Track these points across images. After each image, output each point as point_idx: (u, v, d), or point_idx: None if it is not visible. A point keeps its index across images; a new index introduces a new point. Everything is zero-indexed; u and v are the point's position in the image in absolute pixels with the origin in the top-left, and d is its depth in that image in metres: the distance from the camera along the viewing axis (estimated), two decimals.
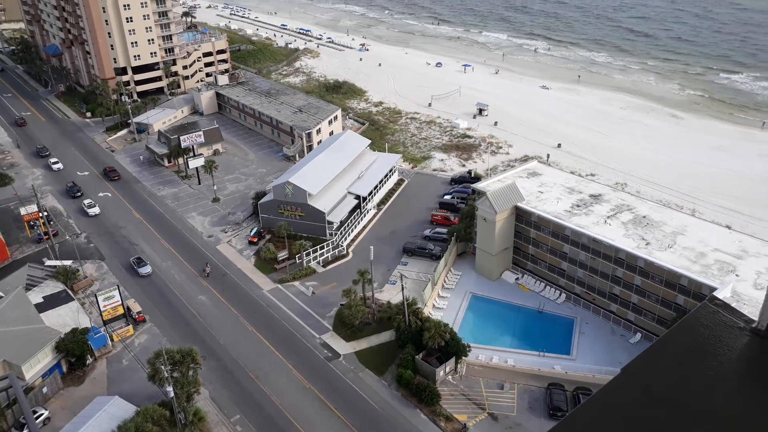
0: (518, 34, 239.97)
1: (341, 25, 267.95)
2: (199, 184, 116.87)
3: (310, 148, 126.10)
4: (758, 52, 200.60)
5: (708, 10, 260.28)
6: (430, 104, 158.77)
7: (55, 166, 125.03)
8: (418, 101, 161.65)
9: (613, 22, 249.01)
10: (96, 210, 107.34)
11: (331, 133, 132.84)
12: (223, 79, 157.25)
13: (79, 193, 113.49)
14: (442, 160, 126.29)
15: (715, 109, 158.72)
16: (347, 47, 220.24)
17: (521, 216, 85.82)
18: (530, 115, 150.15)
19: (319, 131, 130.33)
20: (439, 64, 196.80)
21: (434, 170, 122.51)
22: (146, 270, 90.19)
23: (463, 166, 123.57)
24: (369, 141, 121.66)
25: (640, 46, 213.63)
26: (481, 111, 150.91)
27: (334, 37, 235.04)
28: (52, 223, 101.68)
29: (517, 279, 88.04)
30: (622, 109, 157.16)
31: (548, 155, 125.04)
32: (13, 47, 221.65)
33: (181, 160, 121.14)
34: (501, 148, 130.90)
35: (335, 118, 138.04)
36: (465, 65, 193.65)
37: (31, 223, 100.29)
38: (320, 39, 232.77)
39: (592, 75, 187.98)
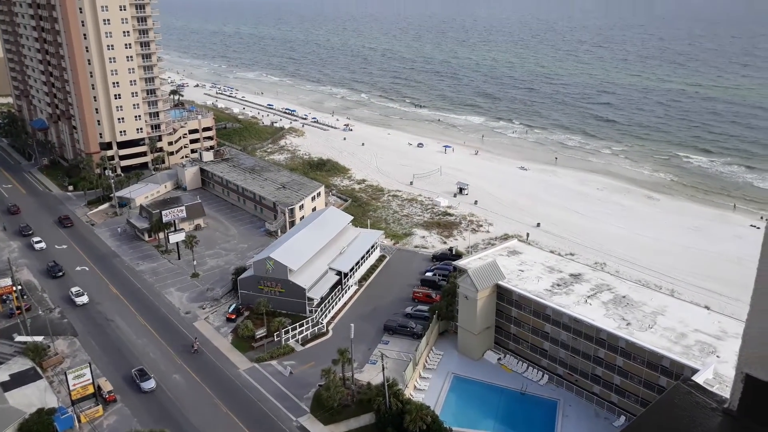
0: (494, 118, 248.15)
1: (326, 105, 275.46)
2: (179, 259, 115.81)
3: (292, 223, 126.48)
4: (719, 138, 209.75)
5: (671, 98, 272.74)
6: (411, 183, 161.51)
7: (37, 246, 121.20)
8: (400, 179, 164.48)
9: (581, 108, 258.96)
10: (84, 299, 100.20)
11: (314, 209, 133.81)
12: (208, 156, 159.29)
13: (60, 273, 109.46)
14: (423, 236, 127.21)
15: (688, 191, 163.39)
16: (332, 127, 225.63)
17: (502, 294, 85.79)
18: (510, 195, 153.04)
19: (301, 207, 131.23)
20: (420, 145, 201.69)
21: (416, 247, 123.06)
22: (149, 385, 79.84)
23: (445, 243, 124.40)
24: (351, 217, 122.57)
25: (608, 131, 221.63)
26: (461, 190, 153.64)
27: (319, 117, 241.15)
28: (25, 297, 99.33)
29: (499, 359, 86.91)
30: (599, 190, 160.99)
31: (528, 234, 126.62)
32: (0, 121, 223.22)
33: (161, 235, 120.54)
34: (481, 226, 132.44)
35: (318, 194, 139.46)
36: (445, 146, 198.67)
37: (4, 296, 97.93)
38: (305, 119, 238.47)
39: (568, 157, 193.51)
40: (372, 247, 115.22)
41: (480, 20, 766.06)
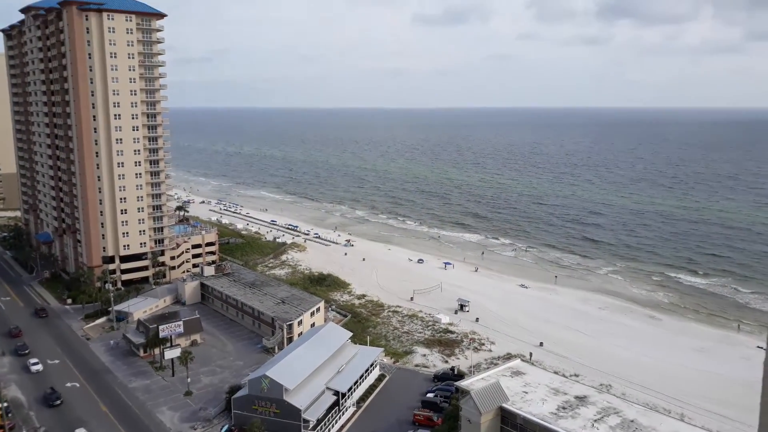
0: (492, 236, 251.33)
1: (328, 222, 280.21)
2: (173, 375, 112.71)
3: (290, 339, 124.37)
4: (710, 259, 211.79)
5: (660, 220, 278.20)
6: (412, 298, 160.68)
7: (33, 368, 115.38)
8: (400, 295, 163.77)
9: (574, 228, 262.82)
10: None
11: (313, 325, 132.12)
12: (210, 270, 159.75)
13: (58, 401, 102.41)
14: (424, 355, 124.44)
15: (690, 311, 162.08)
16: (333, 242, 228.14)
17: (507, 418, 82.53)
18: (511, 313, 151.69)
19: (300, 323, 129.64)
20: (420, 261, 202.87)
21: (416, 366, 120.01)
22: None
23: (446, 362, 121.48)
24: (350, 333, 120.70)
25: (600, 252, 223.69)
26: (462, 307, 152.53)
27: (321, 233, 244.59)
28: (10, 415, 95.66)
29: None
30: (601, 309, 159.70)
31: (531, 354, 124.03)
32: (5, 234, 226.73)
33: (157, 351, 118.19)
34: (483, 344, 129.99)
35: (317, 309, 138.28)
36: (446, 263, 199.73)
37: None
38: (307, 234, 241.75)
39: (567, 276, 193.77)
40: (371, 365, 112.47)
41: (474, 144, 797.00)
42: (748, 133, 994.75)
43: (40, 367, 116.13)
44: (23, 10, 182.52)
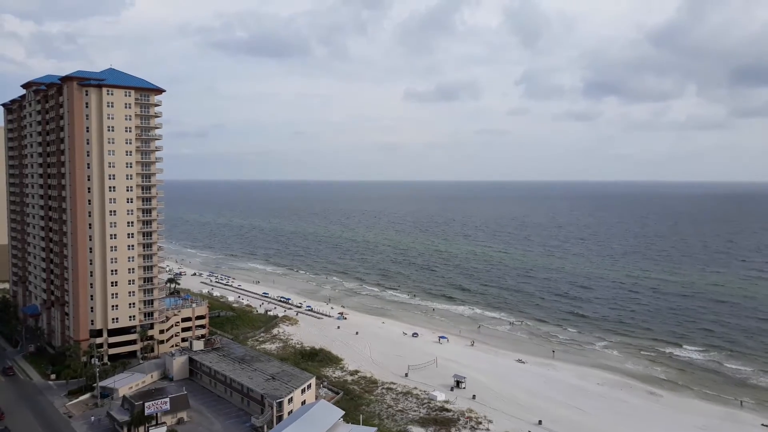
0: (488, 309, 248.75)
1: (320, 294, 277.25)
2: None
3: (280, 418, 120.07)
4: (706, 333, 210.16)
5: (655, 293, 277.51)
6: (406, 374, 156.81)
7: None
8: (394, 371, 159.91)
9: (568, 302, 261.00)
10: None
11: (304, 403, 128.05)
12: (199, 345, 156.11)
13: None
14: None
15: (690, 386, 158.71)
16: (326, 315, 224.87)
17: None
18: (509, 389, 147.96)
19: (291, 400, 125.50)
20: (415, 335, 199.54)
21: None
22: None
23: None
24: (342, 412, 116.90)
25: (596, 326, 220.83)
26: (458, 383, 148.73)
27: (314, 305, 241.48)
28: None
29: None
30: (599, 385, 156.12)
31: None
32: None
33: (141, 429, 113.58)
34: (481, 423, 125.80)
35: (309, 386, 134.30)
36: (441, 336, 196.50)
37: None
38: (300, 307, 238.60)
39: (564, 351, 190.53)
40: None
41: (464, 216, 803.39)
42: (736, 207, 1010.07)
43: None
44: (25, 86, 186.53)
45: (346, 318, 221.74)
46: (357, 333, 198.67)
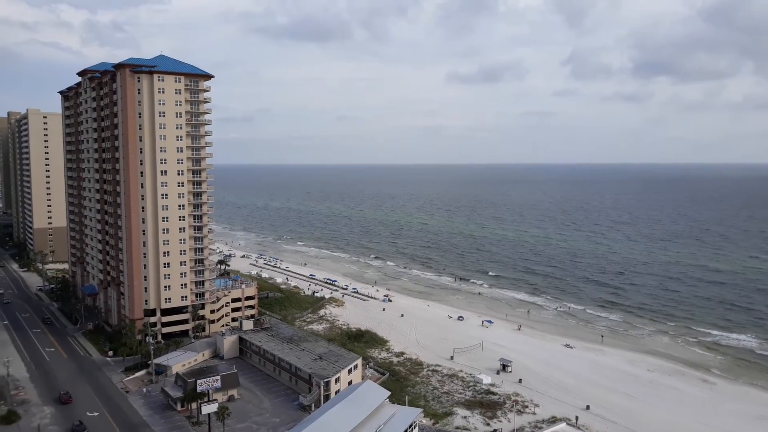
0: (534, 294, 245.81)
1: (366, 276, 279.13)
2: (209, 431, 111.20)
3: (327, 397, 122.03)
4: (760, 320, 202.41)
5: (704, 277, 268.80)
6: (452, 357, 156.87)
7: None
8: (440, 353, 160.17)
9: (618, 286, 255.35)
10: None
11: (350, 383, 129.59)
12: (248, 325, 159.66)
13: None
14: (465, 417, 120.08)
15: (746, 375, 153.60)
16: (371, 297, 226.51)
17: None
18: (556, 374, 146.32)
19: (337, 380, 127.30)
20: (461, 318, 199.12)
21: (457, 428, 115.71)
22: None
23: (488, 424, 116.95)
24: (388, 393, 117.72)
25: (645, 310, 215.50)
26: (504, 367, 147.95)
27: (359, 288, 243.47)
28: None
29: None
30: (650, 371, 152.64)
31: (577, 418, 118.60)
32: (53, 286, 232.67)
33: (194, 405, 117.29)
34: (527, 407, 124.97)
35: (355, 367, 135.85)
36: (486, 320, 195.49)
37: None
38: (345, 289, 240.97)
39: (613, 336, 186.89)
40: (410, 426, 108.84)
41: (512, 199, 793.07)
42: None
43: None
44: (80, 73, 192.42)
45: (391, 300, 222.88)
46: (402, 315, 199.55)
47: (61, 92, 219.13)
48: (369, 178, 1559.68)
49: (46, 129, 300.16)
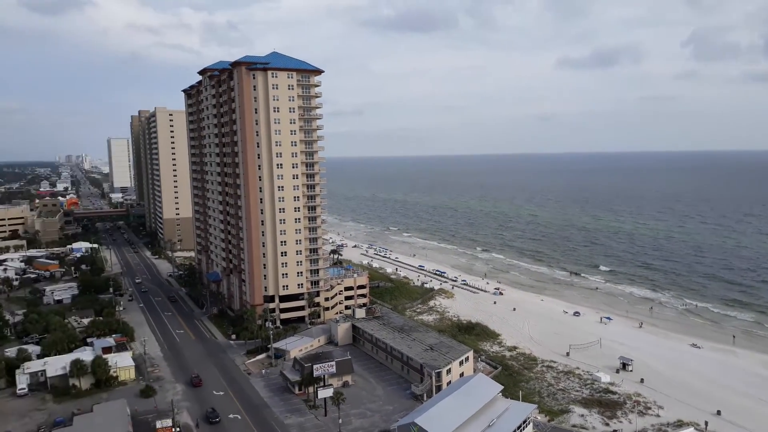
0: (657, 290, 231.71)
1: (476, 269, 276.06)
2: (326, 415, 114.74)
3: (439, 388, 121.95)
4: None
5: None
6: (568, 353, 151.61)
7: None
8: (554, 349, 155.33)
9: (746, 284, 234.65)
10: None
11: (462, 375, 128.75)
12: (361, 313, 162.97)
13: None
14: (582, 415, 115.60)
15: None
16: (481, 290, 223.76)
17: None
18: (681, 375, 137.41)
19: (449, 371, 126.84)
20: (576, 314, 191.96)
21: (573, 426, 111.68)
22: None
23: (607, 424, 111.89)
24: (501, 387, 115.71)
25: None
26: (625, 366, 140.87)
27: (469, 280, 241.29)
28: None
29: None
30: None
31: (706, 423, 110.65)
32: (181, 272, 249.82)
33: (311, 389, 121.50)
34: (650, 408, 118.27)
35: (467, 359, 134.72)
36: (605, 317, 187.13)
37: None
38: (455, 281, 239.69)
39: (747, 337, 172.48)
40: (524, 422, 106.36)
41: (631, 190, 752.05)
42: None
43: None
44: (201, 72, 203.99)
45: (502, 293, 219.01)
46: (514, 309, 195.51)
47: (184, 90, 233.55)
48: (475, 169, 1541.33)
49: (172, 126, 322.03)
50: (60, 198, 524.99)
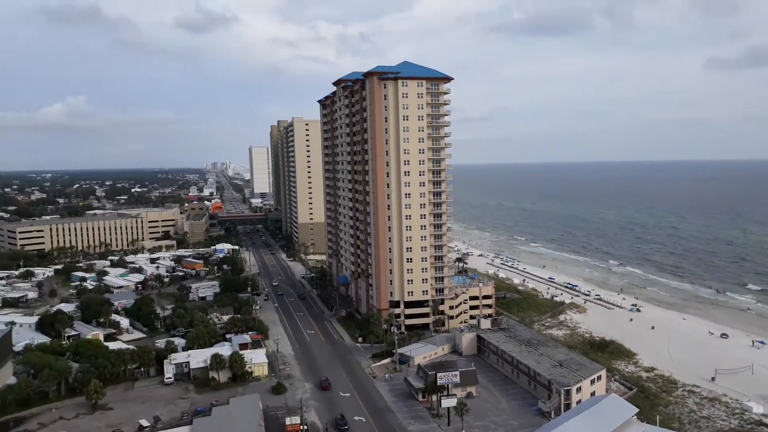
0: None
1: (611, 283, 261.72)
2: (449, 425, 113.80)
3: (567, 406, 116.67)
4: None
5: None
6: (713, 378, 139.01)
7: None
8: (698, 373, 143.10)
9: None
10: None
11: (593, 394, 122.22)
12: (486, 324, 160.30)
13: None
14: None
15: None
16: (617, 306, 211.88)
17: None
18: None
19: (579, 389, 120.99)
20: (724, 335, 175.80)
21: None
22: None
23: None
24: (636, 409, 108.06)
25: None
26: None
27: (603, 295, 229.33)
28: None
29: None
30: None
31: None
32: (313, 274, 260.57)
33: (434, 397, 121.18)
34: None
35: (599, 378, 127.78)
36: (758, 341, 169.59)
37: None
38: (588, 295, 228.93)
39: None
40: None
41: None
42: None
43: None
44: (335, 83, 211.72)
45: (640, 310, 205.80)
46: (653, 327, 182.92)
47: (319, 101, 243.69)
48: (610, 177, 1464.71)
49: (308, 135, 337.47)
50: (206, 202, 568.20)
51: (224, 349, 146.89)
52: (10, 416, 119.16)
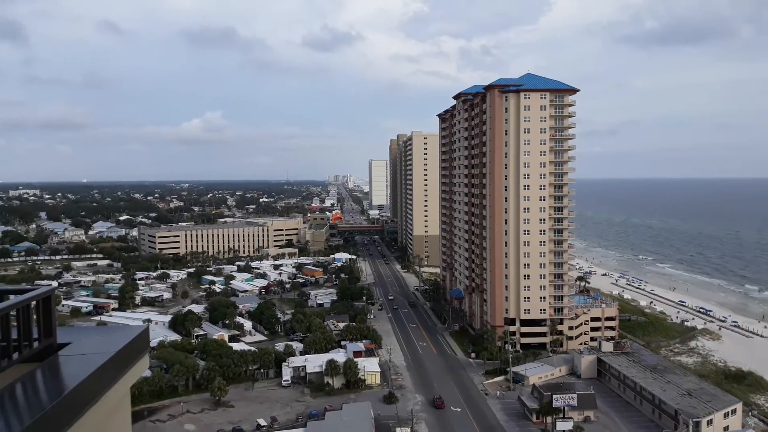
0: None
1: (750, 309, 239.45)
2: None
3: None
4: None
5: None
6: None
7: None
8: None
9: None
10: None
11: (726, 429, 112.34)
12: (608, 346, 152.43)
13: None
14: None
15: None
16: (757, 335, 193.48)
17: None
18: None
19: (710, 422, 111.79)
20: None
21: None
22: None
23: None
24: None
25: None
26: None
27: (741, 322, 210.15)
28: None
29: None
30: None
31: None
32: (426, 287, 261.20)
33: (549, 419, 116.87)
34: None
35: (733, 411, 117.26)
36: None
37: None
38: (723, 321, 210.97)
39: None
40: None
41: None
42: None
43: None
44: (455, 97, 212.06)
45: None
46: None
47: (438, 115, 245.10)
48: (752, 194, 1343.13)
49: (426, 148, 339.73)
50: (327, 213, 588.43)
51: (339, 356, 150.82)
52: (144, 406, 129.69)
